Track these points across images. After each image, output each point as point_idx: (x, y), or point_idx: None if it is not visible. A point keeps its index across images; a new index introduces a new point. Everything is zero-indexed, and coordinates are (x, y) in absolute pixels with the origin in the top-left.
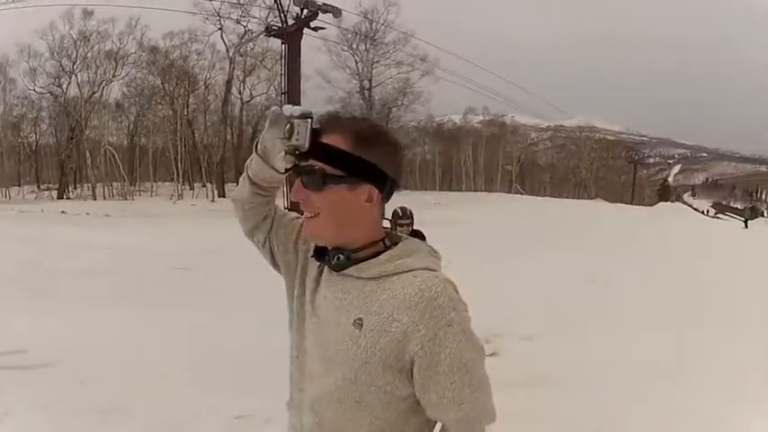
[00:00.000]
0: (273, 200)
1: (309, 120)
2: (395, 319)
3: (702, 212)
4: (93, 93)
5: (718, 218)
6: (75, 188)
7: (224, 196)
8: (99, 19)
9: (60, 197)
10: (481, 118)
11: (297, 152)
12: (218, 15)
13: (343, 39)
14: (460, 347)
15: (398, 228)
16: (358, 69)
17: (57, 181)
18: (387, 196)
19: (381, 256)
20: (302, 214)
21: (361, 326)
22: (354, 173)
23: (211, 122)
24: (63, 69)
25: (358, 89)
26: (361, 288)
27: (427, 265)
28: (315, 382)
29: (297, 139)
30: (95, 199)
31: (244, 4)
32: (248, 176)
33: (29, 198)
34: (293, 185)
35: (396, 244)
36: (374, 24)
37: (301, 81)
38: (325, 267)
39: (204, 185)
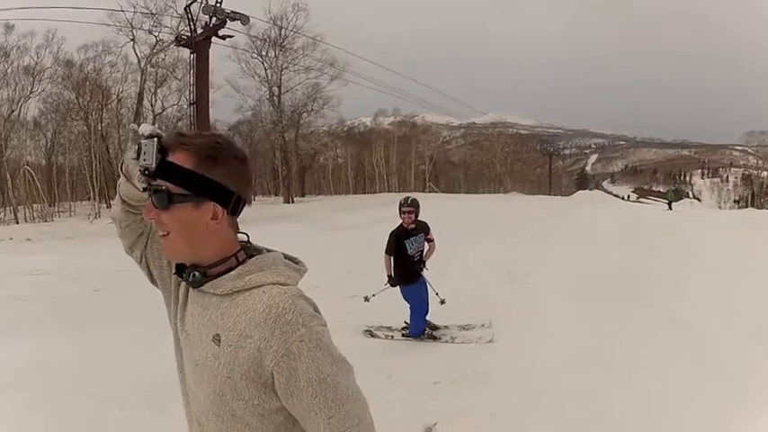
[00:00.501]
0: None
1: (156, 139)
2: (248, 335)
3: (623, 198)
4: (13, 111)
5: (640, 202)
6: None
7: None
8: (19, 33)
9: None
10: (392, 119)
11: (146, 172)
12: (131, 26)
13: (252, 46)
14: (317, 362)
15: (402, 215)
16: (267, 76)
17: None
18: (233, 212)
19: (233, 272)
20: None
21: (219, 342)
22: (198, 191)
23: (125, 137)
24: None
25: (268, 96)
26: (218, 304)
27: (278, 279)
28: (194, 397)
29: (144, 159)
30: (18, 222)
31: (156, 14)
32: (119, 195)
33: None
34: (146, 205)
35: (251, 257)
36: (283, 30)
37: (211, 90)
38: None
39: None
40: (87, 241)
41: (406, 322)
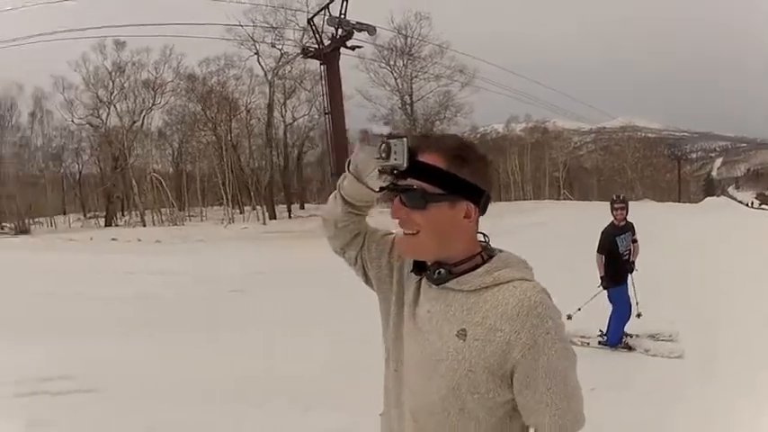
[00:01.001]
0: (364, 217)
1: (405, 139)
2: (498, 329)
3: (747, 205)
4: (135, 122)
5: (762, 209)
6: (123, 215)
7: (275, 218)
8: (132, 49)
9: (108, 224)
10: (524, 125)
11: (394, 171)
12: (253, 40)
13: (379, 56)
14: (558, 354)
15: (614, 212)
16: (398, 85)
17: (102, 209)
18: (482, 210)
19: (480, 269)
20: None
21: (465, 336)
22: (453, 190)
23: (256, 146)
24: (100, 100)
25: (400, 105)
26: (464, 300)
27: (524, 275)
28: (416, 394)
29: (395, 159)
30: (144, 225)
31: (276, 28)
32: (341, 196)
33: (75, 227)
34: (393, 205)
35: (491, 257)
36: (409, 39)
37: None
38: (423, 281)
39: (254, 208)
40: (221, 245)
41: (600, 331)
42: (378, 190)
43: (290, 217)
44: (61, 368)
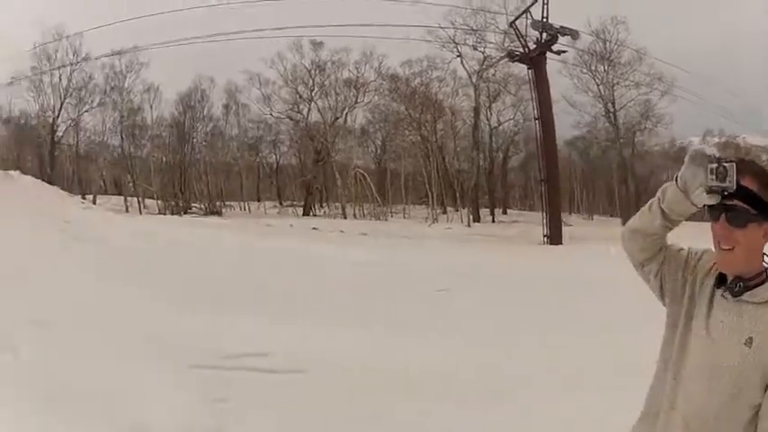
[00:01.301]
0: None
1: (734, 164)
2: None
3: None
4: (337, 118)
5: None
6: (321, 207)
7: (478, 221)
8: (330, 49)
9: (306, 214)
10: (717, 140)
11: (723, 192)
12: (454, 42)
13: (580, 61)
14: None
15: None
16: (600, 92)
17: (299, 198)
18: None
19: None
20: None
21: (751, 344)
22: (764, 212)
23: (461, 148)
24: (300, 96)
25: (603, 113)
26: (753, 311)
27: None
28: (693, 401)
29: (729, 182)
30: (345, 218)
31: (477, 31)
32: (661, 209)
33: (271, 213)
34: (718, 222)
35: None
36: (608, 44)
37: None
38: (717, 293)
39: (457, 210)
40: (425, 243)
41: None
42: (700, 206)
43: (493, 221)
44: (263, 345)
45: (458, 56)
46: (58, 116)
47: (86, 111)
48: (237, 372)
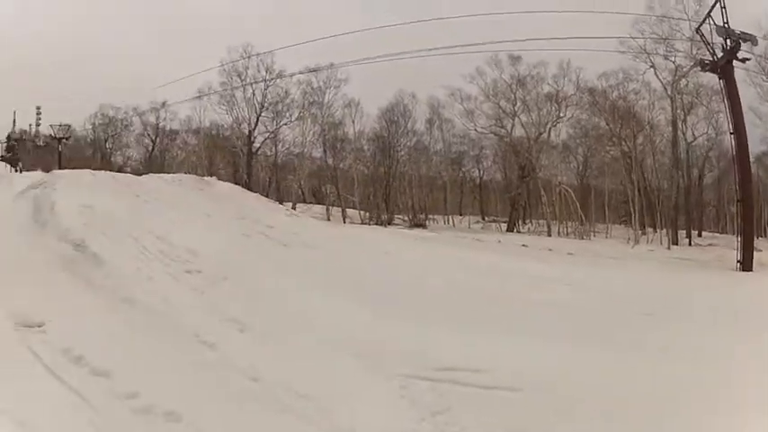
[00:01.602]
0: None
1: None
2: None
3: None
4: (540, 134)
5: None
6: (525, 223)
7: (676, 244)
8: (528, 63)
9: (510, 230)
10: None
11: None
12: (646, 52)
13: (759, 68)
14: None
15: None
16: None
17: (501, 214)
18: None
19: None
20: None
21: None
22: None
23: (659, 164)
24: (503, 111)
25: None
26: None
27: None
28: None
29: None
30: (550, 235)
31: (666, 39)
32: None
33: (474, 228)
34: None
35: None
36: None
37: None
38: None
39: (656, 231)
40: (628, 265)
41: None
42: None
43: (689, 244)
44: (477, 360)
45: (651, 66)
46: (254, 128)
47: (285, 124)
48: (450, 385)
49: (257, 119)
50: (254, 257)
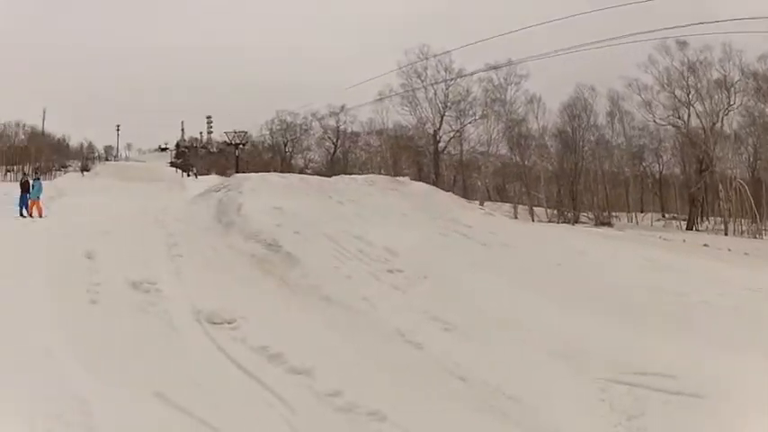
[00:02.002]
0: None
1: None
2: None
3: None
4: (714, 124)
5: None
6: (703, 221)
7: None
8: (694, 48)
9: (689, 228)
10: None
11: None
12: None
13: None
14: None
15: None
16: None
17: (680, 211)
18: None
19: None
20: None
21: None
22: None
23: None
24: (678, 100)
25: None
26: None
27: None
28: None
29: None
30: (726, 234)
31: None
32: None
33: (656, 225)
34: None
35: None
36: None
37: None
38: None
39: None
40: None
41: None
42: None
43: None
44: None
45: None
46: (439, 128)
47: (469, 123)
48: (645, 390)
49: (441, 118)
50: (454, 256)
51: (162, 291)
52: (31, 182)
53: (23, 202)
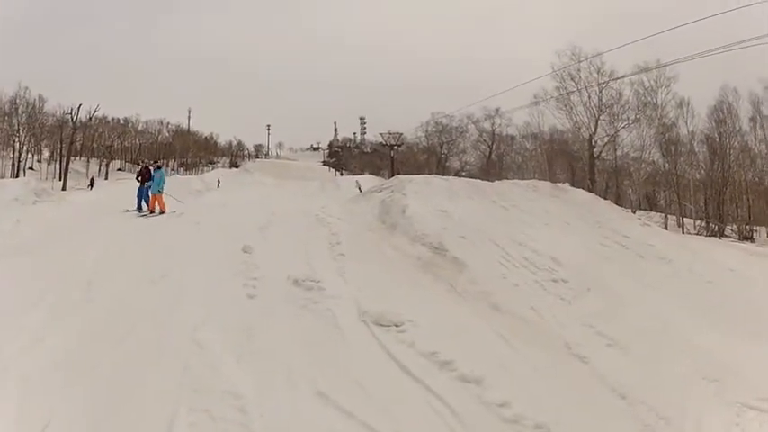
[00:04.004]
0: None
1: None
2: None
3: None
4: None
5: None
6: None
7: None
8: None
9: None
10: None
11: None
12: None
13: None
14: None
15: None
16: None
17: None
18: None
19: None
20: None
21: None
22: None
23: None
24: None
25: None
26: None
27: None
28: None
29: None
30: None
31: None
32: None
33: None
34: None
35: None
36: None
37: None
38: None
39: None
40: None
41: None
42: None
43: None
44: None
45: None
46: (594, 132)
47: (623, 127)
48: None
49: (596, 122)
50: (614, 268)
51: (325, 289)
52: (151, 171)
53: (143, 195)
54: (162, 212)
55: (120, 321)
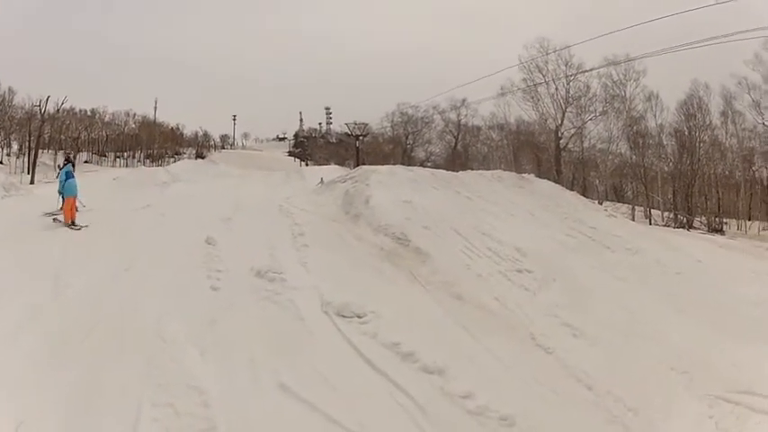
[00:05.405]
0: None
1: None
2: None
3: None
4: None
5: None
6: None
7: None
8: None
9: None
10: None
11: None
12: None
13: None
14: None
15: None
16: None
17: None
18: None
19: None
20: None
21: None
22: None
23: None
24: None
25: None
26: None
27: None
28: None
29: None
30: None
31: None
32: None
33: (763, 235)
34: None
35: None
36: None
37: None
38: None
39: None
40: None
41: None
42: None
43: None
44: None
45: None
46: (561, 124)
47: (590, 119)
48: (747, 410)
49: (563, 114)
50: (580, 259)
51: (287, 280)
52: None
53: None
54: (72, 222)
55: (86, 316)
